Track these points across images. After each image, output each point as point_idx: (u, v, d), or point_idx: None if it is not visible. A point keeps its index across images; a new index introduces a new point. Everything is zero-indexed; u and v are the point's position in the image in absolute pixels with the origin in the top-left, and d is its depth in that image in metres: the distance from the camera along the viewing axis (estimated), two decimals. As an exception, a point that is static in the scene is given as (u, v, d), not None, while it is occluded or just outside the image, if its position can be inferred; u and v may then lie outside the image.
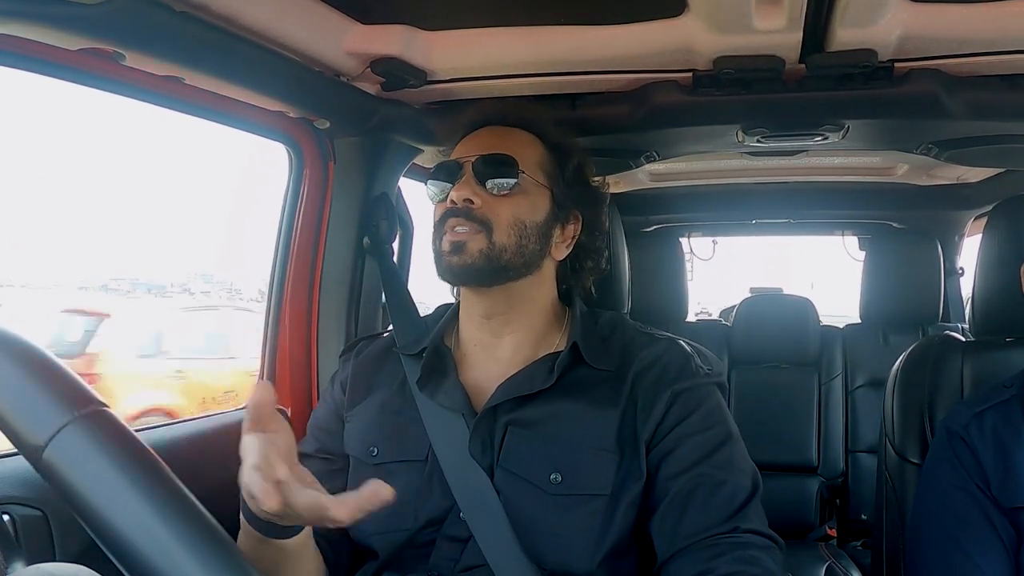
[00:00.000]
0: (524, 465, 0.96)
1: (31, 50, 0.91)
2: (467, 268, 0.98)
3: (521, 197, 1.02)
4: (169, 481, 0.48)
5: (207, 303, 8.07)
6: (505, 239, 0.99)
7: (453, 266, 0.99)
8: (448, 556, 0.95)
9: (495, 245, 0.98)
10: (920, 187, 2.47)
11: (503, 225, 0.99)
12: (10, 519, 0.91)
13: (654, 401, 0.97)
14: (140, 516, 0.46)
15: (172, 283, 8.00)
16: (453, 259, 0.98)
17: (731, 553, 0.87)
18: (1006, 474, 1.00)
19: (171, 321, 6.14)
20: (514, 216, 1.00)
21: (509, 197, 1.01)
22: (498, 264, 0.99)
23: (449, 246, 0.99)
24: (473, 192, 0.99)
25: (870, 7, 1.05)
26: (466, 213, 0.99)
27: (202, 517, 0.48)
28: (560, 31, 1.21)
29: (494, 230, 0.99)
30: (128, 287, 12.86)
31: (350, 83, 1.34)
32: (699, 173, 2.44)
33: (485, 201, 1.00)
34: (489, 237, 0.98)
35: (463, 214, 0.99)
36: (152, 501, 0.46)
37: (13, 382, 0.47)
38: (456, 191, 1.00)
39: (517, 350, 1.04)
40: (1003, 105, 1.31)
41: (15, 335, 0.49)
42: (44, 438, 0.46)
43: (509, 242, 0.99)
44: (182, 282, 8.16)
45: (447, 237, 0.99)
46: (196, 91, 1.14)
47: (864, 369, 2.41)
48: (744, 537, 0.89)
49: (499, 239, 0.99)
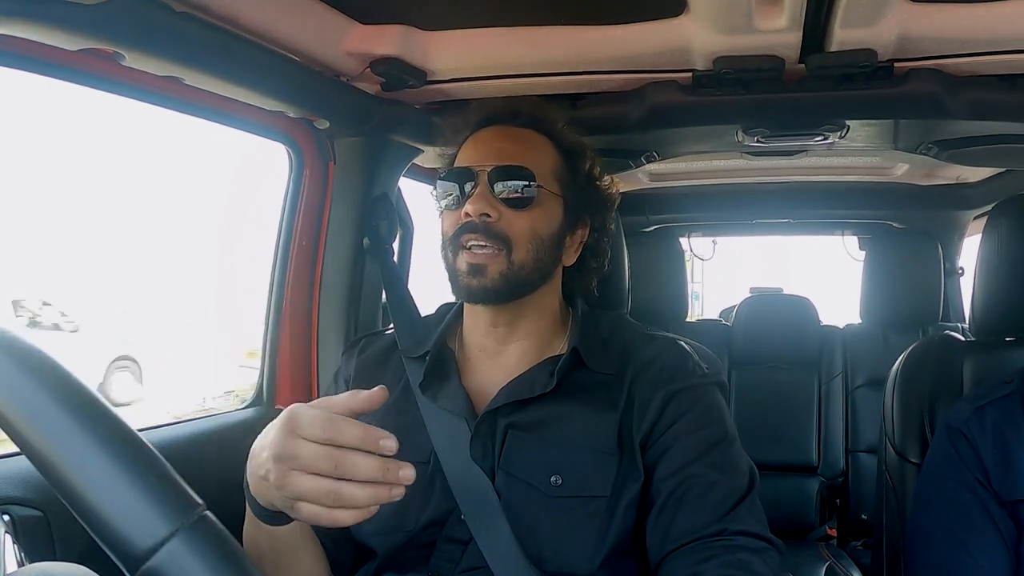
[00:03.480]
0: (525, 468, 0.96)
1: (31, 50, 0.91)
2: (487, 291, 0.97)
3: (537, 210, 0.99)
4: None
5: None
6: (524, 256, 0.97)
7: (473, 288, 0.97)
8: (448, 558, 0.95)
9: (514, 264, 0.97)
10: (920, 187, 2.47)
11: (521, 241, 0.97)
12: (10, 519, 0.91)
13: (649, 401, 0.97)
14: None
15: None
16: (473, 281, 0.96)
17: (720, 557, 0.86)
18: (1006, 468, 1.00)
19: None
20: (532, 231, 0.98)
21: (526, 211, 0.98)
22: (516, 283, 0.97)
23: (467, 268, 0.96)
24: (490, 205, 0.96)
25: (870, 7, 1.05)
26: (484, 229, 0.96)
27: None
28: (560, 31, 1.21)
29: (513, 248, 0.97)
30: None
31: (350, 83, 1.34)
32: (699, 173, 2.44)
33: (502, 215, 0.97)
34: (508, 256, 0.96)
35: (481, 230, 0.96)
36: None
37: (116, 480, 0.43)
38: (472, 204, 0.96)
39: (522, 356, 1.03)
40: (1003, 105, 1.31)
41: (124, 426, 0.45)
42: (148, 547, 0.42)
43: (528, 259, 0.98)
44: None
45: (465, 257, 0.97)
46: (196, 91, 1.14)
47: (864, 369, 2.41)
48: (736, 540, 0.88)
49: (518, 257, 0.97)
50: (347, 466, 0.68)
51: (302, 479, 0.69)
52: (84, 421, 0.43)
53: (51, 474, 0.43)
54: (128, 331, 8.57)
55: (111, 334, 8.35)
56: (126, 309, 9.42)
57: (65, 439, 0.43)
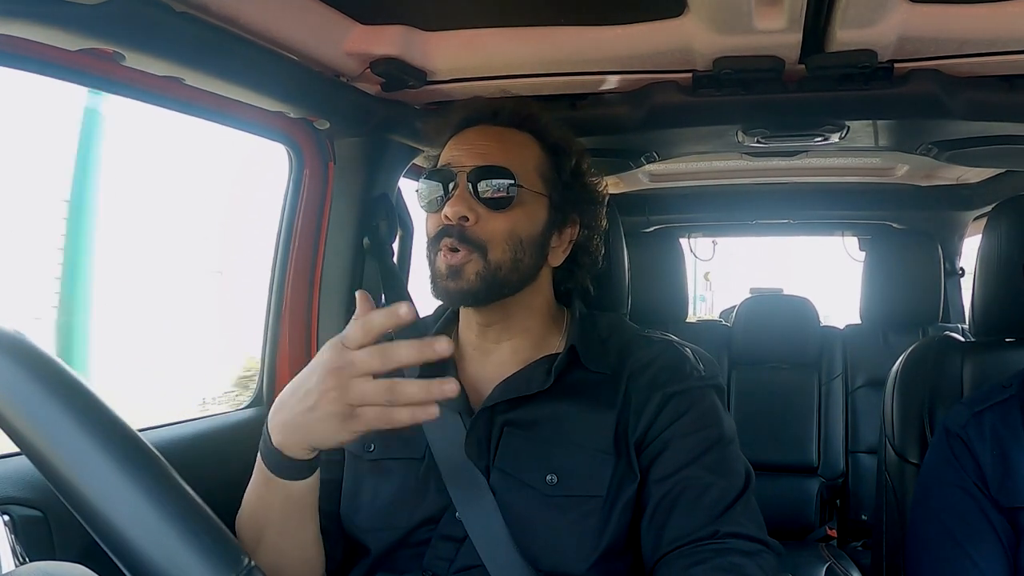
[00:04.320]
0: (520, 466, 0.96)
1: (31, 50, 0.91)
2: (463, 292, 0.97)
3: (518, 211, 0.98)
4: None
5: None
6: (500, 256, 0.97)
7: (450, 290, 0.97)
8: (443, 556, 0.95)
9: (490, 264, 0.96)
10: (920, 187, 2.47)
11: (498, 242, 0.97)
12: (10, 519, 0.91)
13: (646, 403, 0.97)
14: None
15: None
16: (450, 284, 0.97)
17: (711, 561, 0.86)
18: (1004, 474, 1.00)
19: None
20: (510, 232, 0.97)
21: (506, 212, 0.98)
22: (493, 283, 0.97)
23: (446, 269, 0.97)
24: (468, 207, 0.96)
25: (870, 7, 1.05)
26: (459, 234, 0.96)
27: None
28: (560, 31, 1.21)
29: (489, 250, 0.96)
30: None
31: (350, 83, 1.34)
32: (699, 173, 2.44)
33: (480, 217, 0.97)
34: (484, 257, 0.96)
35: (456, 234, 0.96)
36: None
37: (169, 537, 0.43)
38: (451, 206, 0.96)
39: (516, 353, 1.03)
40: (1003, 105, 1.31)
41: (176, 482, 0.45)
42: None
43: (504, 259, 0.97)
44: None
45: (442, 259, 0.97)
46: (196, 91, 1.14)
47: (864, 369, 2.41)
48: (728, 542, 0.88)
49: (494, 257, 0.97)
50: (396, 359, 0.75)
51: (360, 383, 0.75)
52: (135, 473, 0.44)
53: (100, 530, 0.43)
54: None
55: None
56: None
57: (117, 493, 0.43)
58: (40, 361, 0.45)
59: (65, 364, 0.46)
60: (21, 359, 0.45)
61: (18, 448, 0.45)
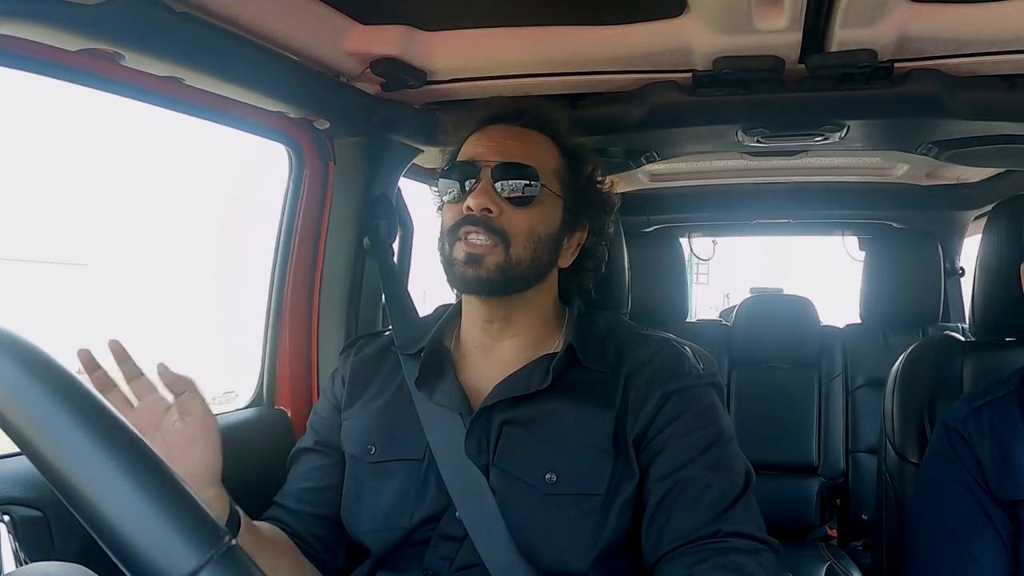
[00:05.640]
0: (519, 465, 0.96)
1: (31, 50, 0.91)
2: (482, 281, 0.97)
3: (538, 209, 1.00)
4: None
5: None
6: (522, 252, 0.98)
7: (468, 277, 0.97)
8: (443, 555, 0.95)
9: (512, 258, 0.97)
10: (920, 187, 2.47)
11: (520, 237, 0.98)
12: (10, 519, 0.91)
13: (644, 401, 0.97)
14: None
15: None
16: (468, 270, 0.97)
17: (713, 559, 0.86)
18: (1004, 468, 1.00)
19: None
20: (531, 228, 0.99)
21: (527, 208, 0.99)
22: (512, 277, 0.98)
23: (465, 256, 0.97)
24: (491, 200, 0.97)
25: (870, 7, 1.05)
26: (484, 223, 0.97)
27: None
28: (560, 31, 1.21)
29: (512, 243, 0.97)
30: None
31: (350, 83, 1.34)
32: (699, 173, 2.44)
33: (503, 210, 0.98)
34: (507, 250, 0.97)
35: (481, 223, 0.97)
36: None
37: (143, 512, 0.42)
38: (474, 198, 0.97)
39: (517, 352, 1.04)
40: (1003, 105, 1.31)
41: (150, 451, 0.44)
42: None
43: (525, 255, 0.98)
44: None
45: (462, 246, 0.97)
46: (196, 91, 1.14)
47: (864, 369, 2.41)
48: (729, 541, 0.88)
49: (516, 252, 0.97)
50: None
51: None
52: (114, 450, 0.43)
53: (81, 508, 0.42)
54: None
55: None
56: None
57: (94, 470, 0.42)
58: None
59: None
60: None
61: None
